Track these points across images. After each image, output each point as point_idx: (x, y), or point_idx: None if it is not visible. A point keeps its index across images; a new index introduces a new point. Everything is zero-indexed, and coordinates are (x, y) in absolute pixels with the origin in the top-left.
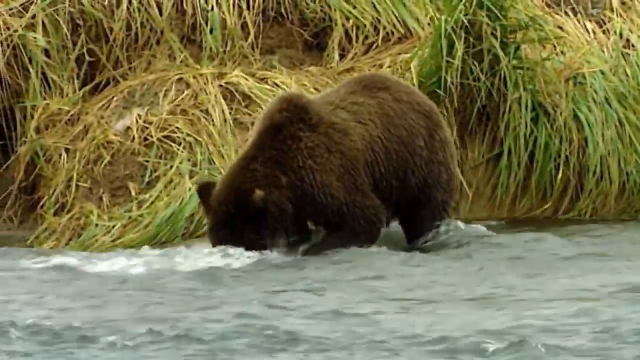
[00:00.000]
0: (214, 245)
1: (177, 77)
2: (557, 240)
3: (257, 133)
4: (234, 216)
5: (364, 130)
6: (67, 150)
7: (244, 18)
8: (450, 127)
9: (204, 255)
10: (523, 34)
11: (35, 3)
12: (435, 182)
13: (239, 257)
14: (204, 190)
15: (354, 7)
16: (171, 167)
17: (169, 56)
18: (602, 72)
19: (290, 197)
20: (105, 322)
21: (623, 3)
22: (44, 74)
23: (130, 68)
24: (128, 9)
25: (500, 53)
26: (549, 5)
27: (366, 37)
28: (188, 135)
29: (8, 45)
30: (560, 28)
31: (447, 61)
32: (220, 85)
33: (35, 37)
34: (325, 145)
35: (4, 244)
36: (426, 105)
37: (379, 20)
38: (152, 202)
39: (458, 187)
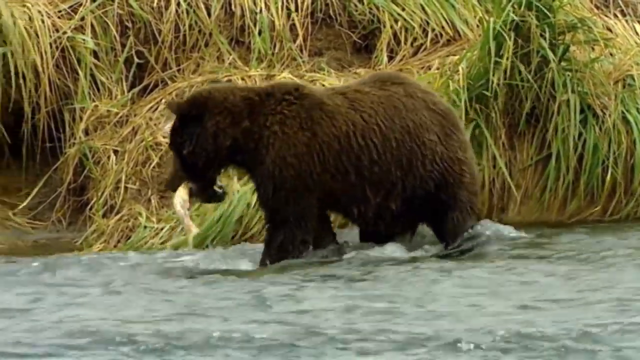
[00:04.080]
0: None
1: (225, 79)
2: (611, 242)
3: (266, 85)
4: (181, 116)
5: (357, 116)
6: (115, 152)
7: (293, 20)
8: (498, 129)
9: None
10: (572, 36)
11: (84, 5)
12: (457, 182)
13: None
14: None
15: (403, 9)
16: None
17: (218, 58)
18: None
19: (237, 139)
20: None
21: None
22: (92, 76)
23: (178, 70)
24: (177, 11)
25: (549, 54)
26: (597, 7)
27: (415, 39)
28: None
29: (57, 48)
30: (609, 30)
31: (496, 62)
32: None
33: (84, 39)
34: (300, 119)
35: (53, 246)
36: (442, 106)
37: (427, 22)
38: (201, 204)
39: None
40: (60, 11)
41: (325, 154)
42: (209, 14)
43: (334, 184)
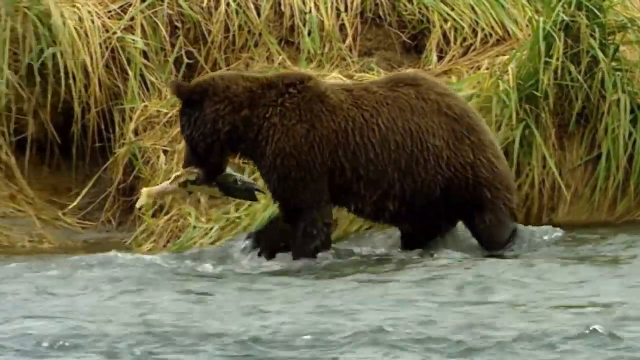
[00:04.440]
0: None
1: None
2: None
3: (272, 75)
4: (184, 101)
5: (358, 114)
6: (165, 151)
7: (342, 20)
8: (548, 129)
9: None
10: (622, 36)
11: (134, 5)
12: (473, 185)
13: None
14: None
15: (452, 9)
16: None
17: (267, 58)
18: None
19: (237, 127)
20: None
21: None
22: (142, 76)
23: (228, 70)
24: (226, 11)
25: (599, 54)
26: None
27: (464, 39)
28: None
29: (107, 48)
30: None
31: (545, 63)
32: None
33: (133, 39)
34: (300, 112)
35: (102, 246)
36: (457, 109)
37: (477, 22)
38: (250, 204)
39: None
40: (110, 11)
41: (323, 147)
42: (259, 14)
43: (332, 177)
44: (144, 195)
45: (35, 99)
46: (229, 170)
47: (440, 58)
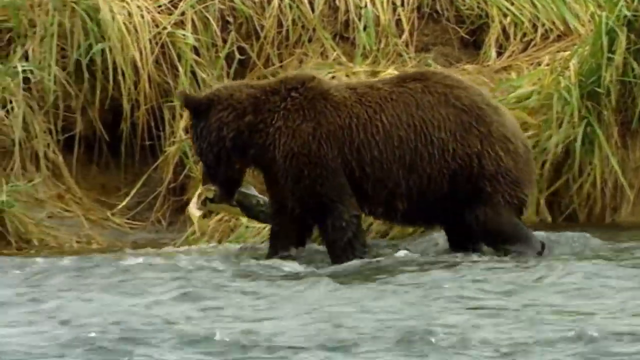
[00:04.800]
0: None
1: (329, 75)
2: None
3: (275, 80)
4: (191, 112)
5: (361, 110)
6: None
7: (398, 15)
8: (610, 127)
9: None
10: None
11: (185, 0)
12: (477, 177)
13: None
14: None
15: (512, 4)
16: None
17: (321, 54)
18: None
19: (242, 132)
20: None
21: None
22: (193, 72)
23: (281, 66)
24: (279, 5)
25: None
26: None
27: (524, 35)
28: None
29: (157, 43)
30: None
31: (608, 59)
32: None
33: (184, 35)
34: (304, 112)
35: (152, 246)
36: (467, 100)
37: (537, 17)
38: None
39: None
40: (159, 6)
41: (331, 143)
42: (313, 9)
43: (343, 177)
44: (193, 217)
45: (84, 96)
46: (251, 191)
47: (499, 54)
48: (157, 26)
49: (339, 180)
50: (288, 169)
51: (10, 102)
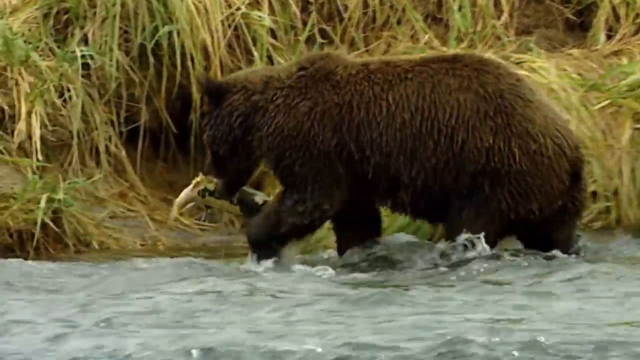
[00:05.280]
0: None
1: None
2: None
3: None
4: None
5: (367, 88)
6: None
7: None
8: None
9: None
10: None
11: None
12: (479, 173)
13: None
14: None
15: None
16: None
17: (412, 37)
18: None
19: (248, 115)
20: None
21: None
22: (269, 57)
23: (367, 51)
24: None
25: None
26: None
27: (637, 15)
28: None
29: (229, 26)
30: None
31: None
32: None
33: (260, 16)
34: (306, 90)
35: (224, 249)
36: (491, 87)
37: None
38: None
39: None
40: None
41: (325, 124)
42: None
43: (340, 157)
44: (175, 207)
45: (149, 84)
46: (253, 190)
47: (609, 37)
48: (229, 6)
49: (322, 165)
50: (273, 146)
51: (68, 90)
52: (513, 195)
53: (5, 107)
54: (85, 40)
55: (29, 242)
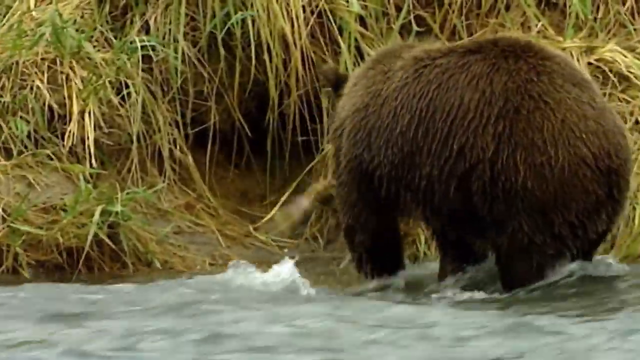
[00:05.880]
0: None
1: None
2: None
3: None
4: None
5: (385, 86)
6: None
7: None
8: None
9: None
10: None
11: None
12: (488, 191)
13: None
14: None
15: None
16: None
17: (522, 25)
18: None
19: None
20: None
21: None
22: (358, 48)
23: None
24: None
25: None
26: None
27: None
28: None
29: (312, 12)
30: None
31: None
32: (590, 63)
33: (347, 1)
34: (357, 80)
35: (308, 266)
36: (500, 85)
37: None
38: None
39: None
40: None
41: (345, 128)
42: None
43: (360, 167)
44: (281, 218)
45: (219, 80)
46: None
47: None
48: None
49: (349, 180)
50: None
51: (127, 86)
52: (535, 221)
53: (55, 106)
54: (146, 29)
55: (82, 260)
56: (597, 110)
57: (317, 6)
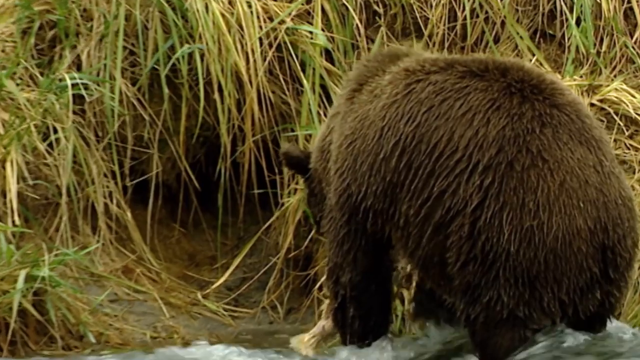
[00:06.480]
0: None
1: None
2: None
3: None
4: None
5: (374, 105)
6: None
7: (629, 2)
8: None
9: None
10: None
11: None
12: (473, 251)
13: None
14: None
15: None
16: None
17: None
18: None
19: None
20: None
21: None
22: (323, 87)
23: None
24: None
25: None
26: None
27: None
28: None
29: (270, 45)
30: None
31: None
32: (592, 104)
33: (311, 32)
34: (340, 108)
35: (263, 343)
36: (497, 127)
37: None
38: None
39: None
40: None
41: (333, 154)
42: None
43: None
44: (296, 345)
45: (163, 123)
46: None
47: None
48: (271, 19)
49: (339, 216)
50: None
51: (56, 131)
52: (518, 293)
53: None
54: (78, 65)
55: (2, 334)
56: (601, 176)
57: (276, 38)
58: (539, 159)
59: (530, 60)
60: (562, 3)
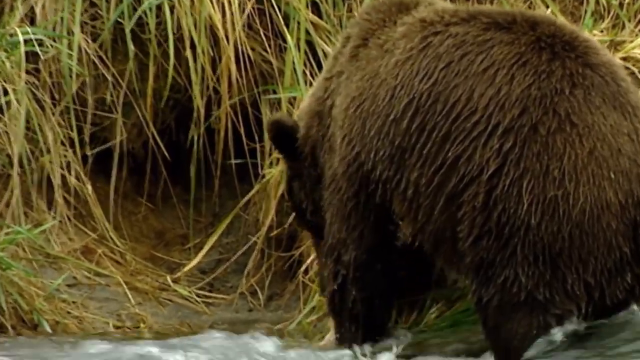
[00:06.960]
0: None
1: None
2: None
3: None
4: None
5: (387, 60)
6: None
7: None
8: None
9: None
10: None
11: None
12: (488, 224)
13: None
14: None
15: None
16: None
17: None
18: None
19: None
20: None
21: None
22: (309, 43)
23: None
24: None
25: None
26: None
27: None
28: None
29: None
30: None
31: None
32: None
33: None
34: (343, 67)
35: (241, 331)
36: (521, 85)
37: None
38: None
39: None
40: None
41: (339, 120)
42: None
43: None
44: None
45: (128, 85)
46: None
47: None
48: None
49: (347, 187)
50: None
51: (6, 92)
52: (538, 272)
53: None
54: (31, 18)
55: None
56: (636, 145)
57: None
58: (567, 122)
59: (545, 13)
60: None
